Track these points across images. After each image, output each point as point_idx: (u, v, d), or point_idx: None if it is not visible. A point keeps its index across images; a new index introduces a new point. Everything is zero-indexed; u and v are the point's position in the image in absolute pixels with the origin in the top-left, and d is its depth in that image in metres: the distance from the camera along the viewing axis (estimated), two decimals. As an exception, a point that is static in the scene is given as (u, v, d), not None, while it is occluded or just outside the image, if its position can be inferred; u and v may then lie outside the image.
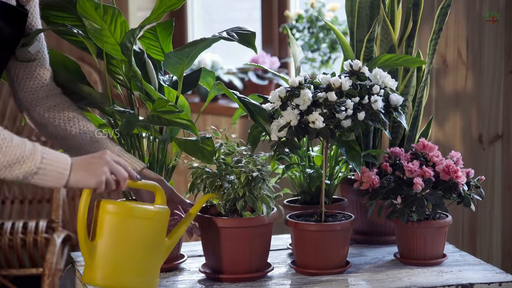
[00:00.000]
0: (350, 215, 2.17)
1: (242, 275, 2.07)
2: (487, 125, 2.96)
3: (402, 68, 2.40)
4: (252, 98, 2.15)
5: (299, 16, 3.79)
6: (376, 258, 2.27)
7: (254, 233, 2.06)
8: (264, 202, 2.04)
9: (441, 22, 2.36)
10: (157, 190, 1.92)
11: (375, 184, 2.18)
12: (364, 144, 2.39)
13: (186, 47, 2.04)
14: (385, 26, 2.36)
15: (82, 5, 2.02)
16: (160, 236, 1.91)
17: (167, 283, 2.09)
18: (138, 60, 2.15)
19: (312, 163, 2.30)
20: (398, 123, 2.38)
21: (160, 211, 1.89)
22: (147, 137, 2.16)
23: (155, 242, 1.89)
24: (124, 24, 2.07)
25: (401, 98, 2.11)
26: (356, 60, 2.12)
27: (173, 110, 2.01)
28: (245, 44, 2.07)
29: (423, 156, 2.24)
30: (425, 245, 2.18)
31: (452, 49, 3.00)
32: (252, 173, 2.03)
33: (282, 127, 2.05)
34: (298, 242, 2.13)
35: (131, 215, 1.86)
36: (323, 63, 3.77)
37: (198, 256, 2.27)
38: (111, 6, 2.05)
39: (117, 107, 2.10)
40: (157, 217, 1.89)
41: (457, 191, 2.17)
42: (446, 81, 3.02)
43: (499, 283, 2.06)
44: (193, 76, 2.26)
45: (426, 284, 2.05)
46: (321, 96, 2.04)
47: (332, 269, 2.11)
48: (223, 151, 2.10)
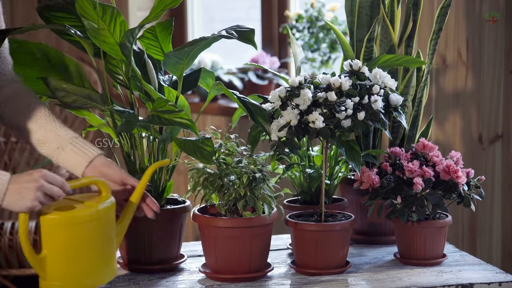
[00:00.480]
0: (350, 215, 2.17)
1: (242, 275, 2.07)
2: (487, 125, 2.96)
3: (402, 68, 2.40)
4: (252, 98, 2.15)
5: (299, 16, 3.79)
6: (376, 258, 2.26)
7: (254, 233, 2.06)
8: (266, 202, 2.04)
9: (441, 22, 2.36)
10: (98, 184, 1.91)
11: (375, 184, 2.18)
12: (364, 144, 2.39)
13: (185, 46, 2.04)
14: (385, 26, 2.36)
15: (81, 5, 2.02)
16: (109, 229, 1.90)
17: (167, 283, 2.09)
18: (138, 60, 2.15)
19: (312, 163, 2.30)
20: (398, 123, 2.38)
21: (103, 208, 1.88)
22: (147, 137, 2.16)
23: (105, 236, 1.89)
24: (123, 24, 2.07)
25: (401, 98, 2.10)
26: (356, 60, 2.12)
27: (173, 109, 2.01)
28: (244, 41, 2.07)
29: (423, 156, 2.24)
30: (425, 245, 2.18)
31: (452, 49, 3.00)
32: (254, 173, 2.03)
33: (282, 127, 2.05)
34: (298, 242, 2.12)
35: (74, 222, 1.85)
36: (323, 63, 3.76)
37: (198, 256, 2.27)
38: (110, 6, 2.05)
39: (116, 107, 2.10)
40: (101, 215, 1.87)
41: (457, 191, 2.17)
42: (446, 81, 3.02)
43: (499, 283, 2.06)
44: (193, 76, 2.26)
45: (426, 284, 2.05)
46: (321, 96, 2.04)
47: (332, 269, 2.11)
48: (223, 151, 2.10)
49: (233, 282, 2.07)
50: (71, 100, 2.11)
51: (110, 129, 2.19)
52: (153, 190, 2.15)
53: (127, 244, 2.15)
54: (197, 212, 2.12)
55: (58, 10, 2.13)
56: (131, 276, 2.14)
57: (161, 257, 2.15)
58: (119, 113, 2.08)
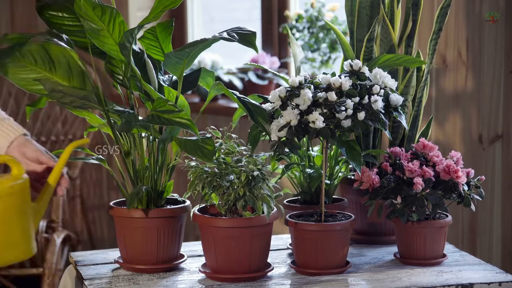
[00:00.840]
0: (350, 215, 2.17)
1: (242, 275, 2.07)
2: (487, 125, 2.95)
3: (402, 68, 2.40)
4: (252, 98, 2.15)
5: (299, 16, 3.79)
6: (376, 258, 2.26)
7: (254, 233, 2.06)
8: (265, 202, 2.04)
9: (441, 22, 2.36)
10: (10, 162, 1.90)
11: (375, 184, 2.18)
12: (364, 144, 2.39)
13: (186, 47, 2.04)
14: (385, 26, 2.36)
15: (79, 5, 2.02)
16: (23, 207, 1.89)
17: (167, 283, 2.09)
18: (138, 60, 2.15)
19: (312, 163, 2.30)
20: (398, 123, 2.38)
21: (13, 185, 1.87)
22: (147, 137, 2.16)
23: (19, 214, 1.88)
24: (123, 24, 2.07)
25: (401, 98, 2.10)
26: (356, 60, 2.12)
27: (172, 109, 2.01)
28: (246, 44, 2.07)
29: (423, 156, 2.24)
30: (425, 245, 2.18)
31: (452, 49, 3.00)
32: (253, 172, 2.03)
33: (282, 127, 2.05)
34: (298, 242, 2.12)
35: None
36: (323, 63, 3.76)
37: (198, 256, 2.27)
38: (109, 6, 2.05)
39: (116, 107, 2.10)
40: (13, 192, 1.86)
41: (457, 191, 2.17)
42: (446, 81, 3.02)
43: (499, 283, 2.06)
44: (193, 76, 2.26)
45: (426, 284, 2.05)
46: (321, 96, 2.04)
47: (332, 269, 2.11)
48: (223, 151, 2.10)
49: (233, 282, 2.07)
50: (68, 101, 2.11)
51: (110, 129, 2.18)
52: (153, 190, 2.15)
53: (127, 244, 2.15)
54: (197, 212, 2.12)
55: (58, 9, 2.13)
56: (131, 276, 2.14)
57: (161, 257, 2.15)
58: (119, 113, 2.08)
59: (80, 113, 2.20)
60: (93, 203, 4.64)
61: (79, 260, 2.26)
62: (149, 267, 2.15)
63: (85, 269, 2.19)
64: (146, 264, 2.15)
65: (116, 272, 2.17)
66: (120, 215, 2.16)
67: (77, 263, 2.24)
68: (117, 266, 2.20)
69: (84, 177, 4.59)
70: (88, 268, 2.20)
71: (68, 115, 4.40)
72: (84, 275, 2.15)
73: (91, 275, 2.15)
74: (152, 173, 2.15)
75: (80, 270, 2.19)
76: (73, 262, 2.27)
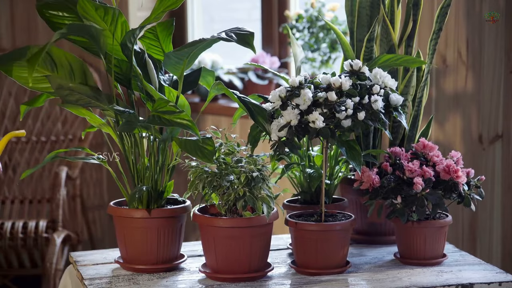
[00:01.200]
0: (350, 215, 2.17)
1: (242, 275, 2.07)
2: (487, 125, 2.96)
3: (402, 68, 2.40)
4: (252, 98, 2.15)
5: (299, 16, 3.79)
6: (376, 258, 2.27)
7: (254, 233, 2.06)
8: (265, 202, 2.04)
9: (441, 22, 2.36)
10: None
11: (375, 184, 2.18)
12: (364, 144, 2.39)
13: (186, 47, 2.04)
14: (385, 26, 2.36)
15: (82, 5, 2.02)
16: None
17: (167, 283, 2.09)
18: (139, 60, 2.15)
19: (312, 163, 2.30)
20: (398, 123, 2.38)
21: None
22: (147, 137, 2.16)
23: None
24: (125, 24, 2.08)
25: (401, 98, 2.11)
26: (356, 60, 2.12)
27: (173, 110, 2.01)
28: (244, 44, 2.07)
29: (423, 156, 2.24)
30: (425, 245, 2.18)
31: (452, 49, 3.00)
32: (252, 173, 2.03)
33: (282, 127, 2.05)
34: (298, 242, 2.13)
35: None
36: (323, 63, 3.77)
37: (198, 256, 2.27)
38: (111, 7, 2.05)
39: (117, 107, 2.10)
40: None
41: (457, 191, 2.17)
42: (446, 81, 3.02)
43: (499, 283, 2.06)
44: (193, 75, 2.26)
45: (426, 284, 2.05)
46: (321, 96, 2.04)
47: (332, 269, 2.11)
48: (223, 151, 2.10)
49: (233, 282, 2.07)
50: (74, 98, 2.10)
51: (110, 129, 2.19)
52: (153, 190, 2.15)
53: (127, 244, 2.16)
54: (197, 212, 2.12)
55: (58, 9, 2.13)
56: (131, 276, 2.14)
57: (161, 257, 2.16)
58: (120, 113, 2.08)
59: (80, 113, 2.20)
60: (93, 203, 4.64)
61: (79, 260, 2.26)
62: (149, 267, 2.15)
63: (85, 269, 2.20)
64: (146, 264, 2.15)
65: (116, 272, 2.17)
66: (120, 215, 2.16)
67: (77, 263, 2.24)
68: (117, 266, 2.20)
69: (84, 177, 4.59)
70: (88, 268, 2.20)
71: (68, 115, 4.40)
72: (84, 275, 2.15)
73: (91, 275, 2.15)
74: (153, 173, 2.15)
75: (80, 270, 2.19)
76: (73, 262, 2.27)
